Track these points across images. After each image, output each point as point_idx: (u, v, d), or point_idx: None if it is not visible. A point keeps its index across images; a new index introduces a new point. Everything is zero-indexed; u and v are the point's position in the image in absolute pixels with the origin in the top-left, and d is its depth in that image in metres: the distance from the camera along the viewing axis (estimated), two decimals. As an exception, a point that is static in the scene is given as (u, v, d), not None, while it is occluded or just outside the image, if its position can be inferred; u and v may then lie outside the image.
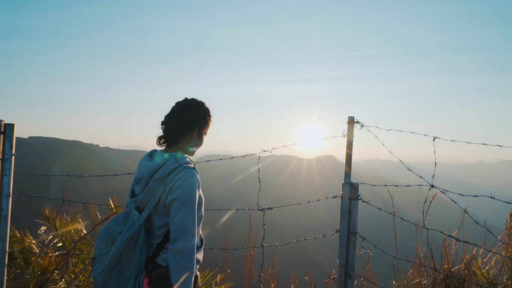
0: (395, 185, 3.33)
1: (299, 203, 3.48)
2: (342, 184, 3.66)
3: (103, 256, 1.84)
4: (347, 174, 3.60)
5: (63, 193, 3.42)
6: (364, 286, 3.76)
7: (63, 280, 3.27)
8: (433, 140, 3.10)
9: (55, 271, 3.29)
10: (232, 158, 3.53)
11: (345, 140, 3.67)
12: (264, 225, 3.32)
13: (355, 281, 3.60)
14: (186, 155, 2.00)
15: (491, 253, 2.97)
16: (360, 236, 3.63)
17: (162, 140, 2.01)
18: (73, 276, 3.31)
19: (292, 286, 3.55)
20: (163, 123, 2.04)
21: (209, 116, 2.07)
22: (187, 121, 1.98)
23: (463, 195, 2.96)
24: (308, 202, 3.60)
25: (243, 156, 3.40)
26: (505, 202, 2.71)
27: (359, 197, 3.58)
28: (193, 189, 1.83)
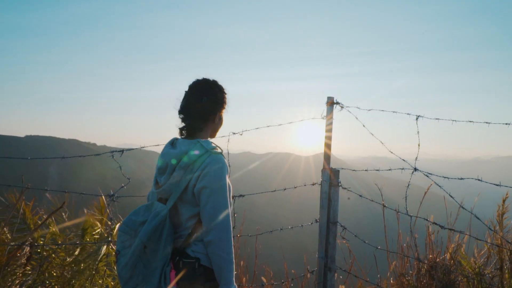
0: (376, 170, 3.07)
1: (274, 190, 3.24)
2: (322, 170, 3.41)
3: (127, 249, 1.76)
4: (327, 157, 3.35)
5: (22, 180, 3.15)
6: (346, 279, 3.52)
7: (21, 273, 3.02)
8: (416, 119, 2.85)
9: (12, 263, 3.03)
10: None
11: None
12: (235, 214, 3.06)
13: (336, 274, 3.37)
14: (210, 140, 1.93)
15: (478, 241, 2.72)
16: (341, 226, 3.39)
17: (184, 130, 1.92)
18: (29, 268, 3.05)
19: (263, 278, 3.30)
20: (181, 111, 1.93)
21: (225, 94, 1.98)
22: (207, 107, 1.89)
23: (448, 178, 2.71)
24: (284, 189, 3.35)
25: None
26: (494, 184, 2.46)
27: (340, 184, 3.33)
28: (222, 176, 1.76)
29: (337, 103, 3.34)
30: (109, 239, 3.33)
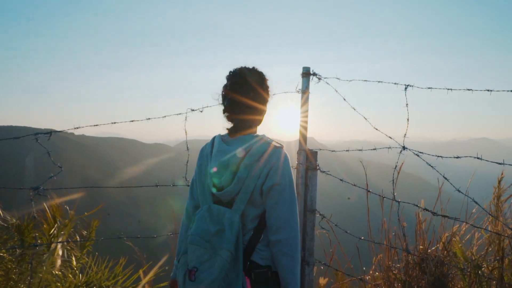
0: (359, 150, 2.66)
1: None
2: (297, 151, 2.99)
3: (206, 264, 1.58)
4: (303, 136, 2.92)
5: None
6: (326, 273, 3.14)
7: None
8: (405, 89, 2.44)
9: None
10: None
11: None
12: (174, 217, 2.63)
13: (315, 268, 2.99)
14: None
15: (475, 228, 2.36)
16: (320, 215, 3.00)
17: (235, 126, 1.78)
18: None
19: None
20: (229, 109, 1.77)
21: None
22: (261, 101, 1.77)
23: (442, 157, 2.32)
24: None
25: (164, 116, 2.66)
26: (496, 162, 2.08)
27: (318, 167, 2.92)
28: (290, 171, 1.71)
29: (314, 74, 2.89)
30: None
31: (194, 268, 1.57)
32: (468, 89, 2.22)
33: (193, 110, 2.59)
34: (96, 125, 2.31)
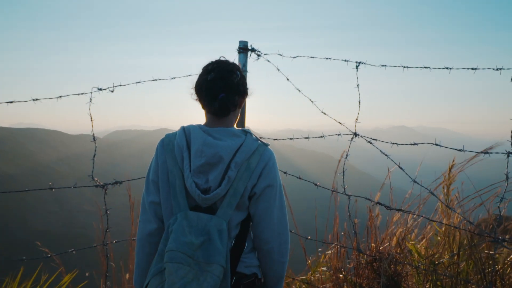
0: (306, 137, 2.32)
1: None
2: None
3: (193, 284, 1.29)
4: (239, 123, 2.50)
5: None
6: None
7: None
8: (356, 67, 2.13)
9: None
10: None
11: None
12: (106, 210, 2.08)
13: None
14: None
15: (428, 222, 2.16)
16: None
17: (216, 110, 1.50)
18: None
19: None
20: (207, 88, 1.48)
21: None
22: (241, 86, 1.53)
23: (397, 144, 2.06)
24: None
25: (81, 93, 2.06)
26: (456, 149, 1.85)
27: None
28: (278, 171, 1.57)
29: (253, 49, 2.47)
30: None
31: None
32: (404, 66, 1.97)
33: (100, 89, 2.01)
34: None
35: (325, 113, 2.29)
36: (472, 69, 2.06)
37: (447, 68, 1.94)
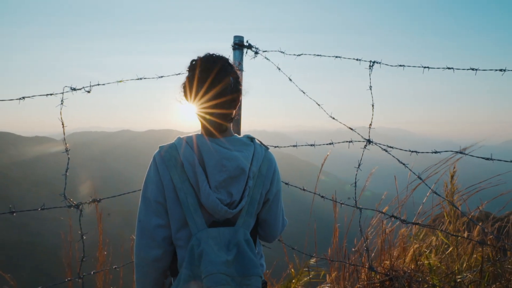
0: (311, 145, 2.08)
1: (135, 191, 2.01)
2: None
3: None
4: (237, 130, 2.21)
5: None
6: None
7: None
8: (370, 67, 1.91)
9: None
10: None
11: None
12: (82, 236, 1.72)
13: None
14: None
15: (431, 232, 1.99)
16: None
17: (214, 124, 1.38)
18: None
19: None
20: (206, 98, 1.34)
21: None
22: (236, 92, 1.39)
23: (417, 152, 1.87)
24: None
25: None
26: (484, 158, 1.69)
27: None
28: None
29: (250, 46, 2.19)
30: None
31: None
32: (425, 67, 1.79)
33: (74, 89, 1.65)
34: None
35: (333, 118, 2.06)
36: (473, 69, 1.92)
37: (448, 68, 1.78)
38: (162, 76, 2.00)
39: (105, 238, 2.35)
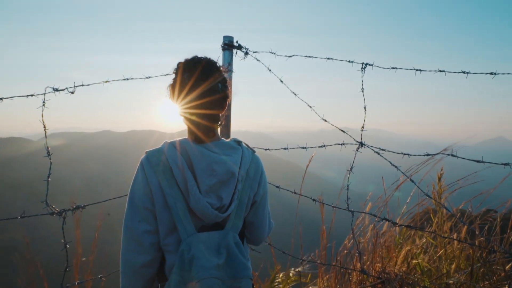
0: (303, 147, 2.05)
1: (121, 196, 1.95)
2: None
3: None
4: (227, 131, 2.17)
5: None
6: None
7: None
8: (362, 69, 1.89)
9: None
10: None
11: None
12: (65, 244, 1.64)
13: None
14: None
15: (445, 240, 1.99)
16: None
17: (202, 128, 1.40)
18: None
19: None
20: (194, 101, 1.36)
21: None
22: (224, 98, 1.41)
23: (409, 155, 1.86)
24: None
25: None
26: (475, 160, 1.69)
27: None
28: None
29: (240, 46, 2.15)
30: None
31: None
32: (417, 69, 1.79)
33: (57, 89, 1.57)
34: None
35: (325, 120, 2.04)
36: (464, 72, 1.94)
37: (440, 71, 1.79)
38: (150, 77, 1.94)
39: (91, 243, 2.27)
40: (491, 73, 1.71)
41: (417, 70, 1.85)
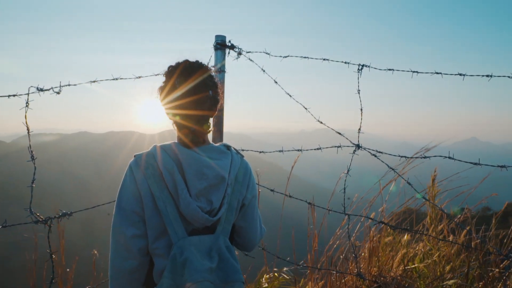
0: (298, 150, 2.00)
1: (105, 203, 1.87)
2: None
3: None
4: (219, 133, 2.10)
5: None
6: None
7: None
8: (359, 70, 1.87)
9: None
10: None
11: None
12: (51, 255, 1.54)
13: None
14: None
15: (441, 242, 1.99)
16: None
17: (192, 133, 1.38)
18: None
19: None
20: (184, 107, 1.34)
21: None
22: (214, 104, 1.41)
23: (406, 157, 1.85)
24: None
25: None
26: (471, 163, 1.69)
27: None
28: None
29: (232, 46, 2.09)
30: None
31: None
32: (414, 71, 1.79)
33: (41, 89, 1.47)
34: None
35: (321, 122, 2.01)
36: (460, 75, 1.95)
37: (437, 73, 1.79)
38: (140, 77, 1.86)
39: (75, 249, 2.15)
40: (487, 75, 1.72)
41: (413, 72, 1.84)
